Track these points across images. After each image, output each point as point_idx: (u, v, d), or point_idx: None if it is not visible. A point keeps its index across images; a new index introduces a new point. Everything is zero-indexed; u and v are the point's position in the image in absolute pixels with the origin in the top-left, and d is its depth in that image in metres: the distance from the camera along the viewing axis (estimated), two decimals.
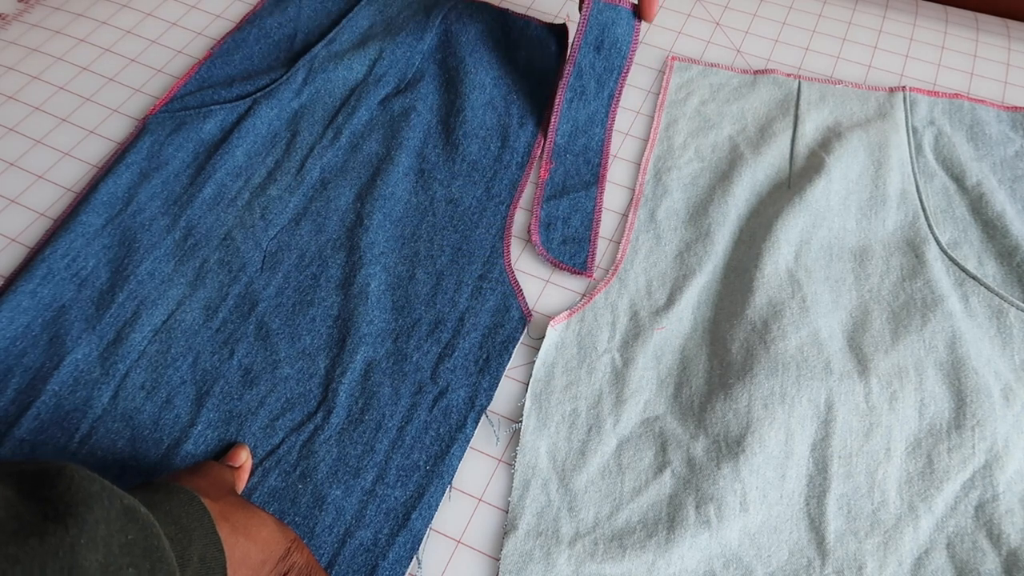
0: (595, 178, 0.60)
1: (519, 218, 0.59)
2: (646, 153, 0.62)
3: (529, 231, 0.58)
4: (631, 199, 0.59)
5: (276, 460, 0.47)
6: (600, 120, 0.64)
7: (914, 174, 0.59)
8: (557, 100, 0.63)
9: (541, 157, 0.62)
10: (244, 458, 0.46)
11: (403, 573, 0.44)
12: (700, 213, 0.58)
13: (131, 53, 0.70)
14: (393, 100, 0.65)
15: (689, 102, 0.65)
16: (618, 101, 0.64)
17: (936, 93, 0.65)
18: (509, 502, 0.46)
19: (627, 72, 0.66)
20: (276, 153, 0.62)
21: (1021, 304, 0.52)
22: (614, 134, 0.64)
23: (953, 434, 0.47)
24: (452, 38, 0.69)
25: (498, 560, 0.44)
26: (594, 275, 0.55)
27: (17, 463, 0.30)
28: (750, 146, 0.61)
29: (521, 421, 0.49)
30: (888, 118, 0.63)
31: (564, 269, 0.56)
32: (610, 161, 0.62)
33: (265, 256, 0.56)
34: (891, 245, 0.56)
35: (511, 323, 0.53)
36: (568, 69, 0.63)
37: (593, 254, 0.56)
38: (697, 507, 0.44)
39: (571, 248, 0.57)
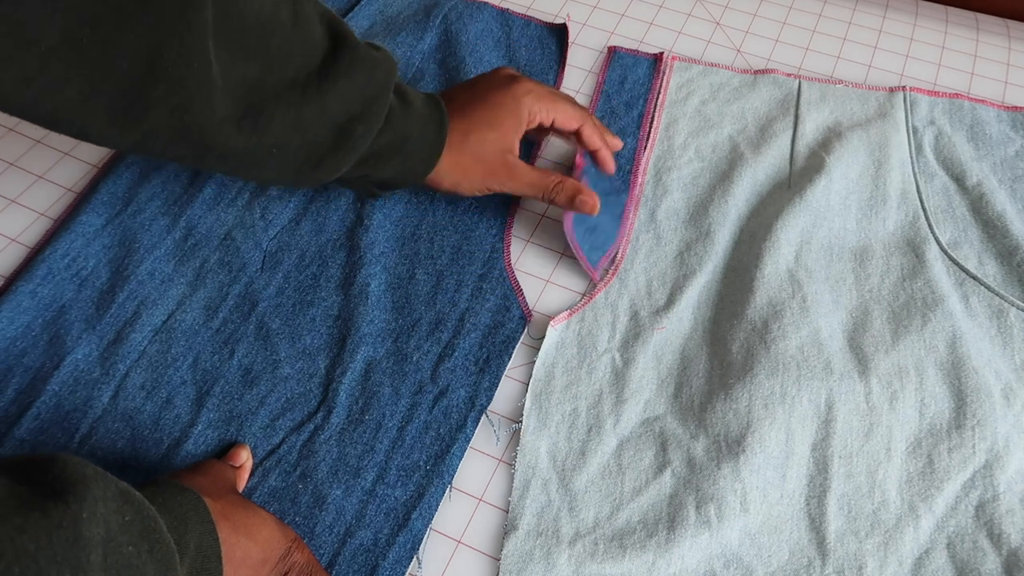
0: (624, 186, 0.59)
1: (519, 218, 0.59)
2: (646, 153, 0.62)
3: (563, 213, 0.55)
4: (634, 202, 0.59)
5: (276, 460, 0.47)
6: (632, 131, 0.63)
7: (914, 174, 0.59)
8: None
9: (538, 157, 0.62)
10: (244, 458, 0.46)
11: (403, 573, 0.44)
12: (700, 213, 0.58)
13: None
14: None
15: (689, 102, 0.65)
16: (647, 122, 0.64)
17: (936, 93, 0.65)
18: (509, 502, 0.46)
19: (655, 100, 0.65)
20: None
21: (1021, 304, 0.52)
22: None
23: (953, 434, 0.47)
24: (452, 38, 0.69)
25: (498, 560, 0.44)
26: (597, 275, 0.55)
27: (4, 458, 0.30)
28: (750, 146, 0.61)
29: (521, 421, 0.49)
30: (888, 118, 0.63)
31: (579, 259, 0.54)
32: (640, 167, 0.60)
33: (265, 256, 0.56)
34: (891, 245, 0.56)
35: (511, 323, 0.53)
36: (595, 96, 0.66)
37: (610, 256, 0.55)
38: (697, 507, 0.44)
39: (594, 239, 0.55)
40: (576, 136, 0.54)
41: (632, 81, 0.67)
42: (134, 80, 0.35)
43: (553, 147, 0.63)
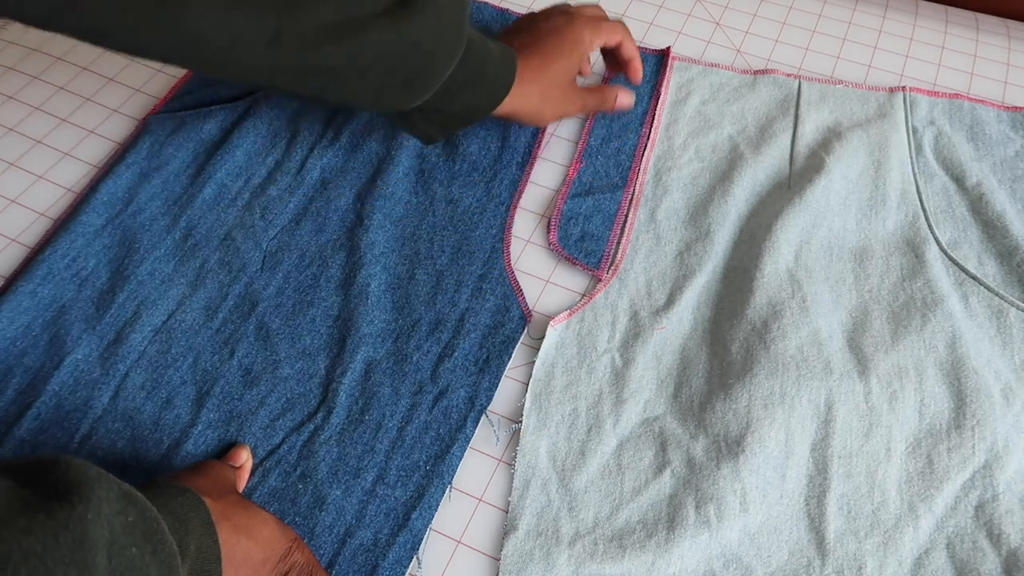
0: (623, 182, 0.60)
1: (519, 218, 0.59)
2: (646, 153, 0.62)
3: (548, 226, 0.58)
4: (631, 199, 0.59)
5: (276, 460, 0.47)
6: (635, 128, 0.63)
7: (914, 174, 0.59)
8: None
9: (538, 157, 0.63)
10: (245, 458, 0.46)
11: (403, 573, 0.44)
12: (700, 213, 0.58)
13: None
14: None
15: (689, 102, 0.65)
16: (651, 118, 0.64)
17: (936, 93, 0.65)
18: (509, 502, 0.46)
19: (659, 98, 0.65)
20: (276, 153, 0.62)
21: (1021, 304, 0.52)
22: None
23: (953, 434, 0.47)
24: None
25: (498, 560, 0.44)
26: (603, 274, 0.55)
27: (7, 460, 0.30)
28: (750, 146, 0.61)
29: (521, 421, 0.49)
30: (888, 118, 0.63)
31: (577, 265, 0.55)
32: (641, 166, 0.61)
33: (265, 256, 0.56)
34: (891, 245, 0.56)
35: (511, 323, 0.53)
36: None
37: (608, 254, 0.56)
38: (697, 507, 0.44)
39: (588, 245, 0.57)
40: (616, 48, 0.62)
41: None
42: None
43: (552, 148, 0.63)
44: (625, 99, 0.62)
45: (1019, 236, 0.54)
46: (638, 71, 0.63)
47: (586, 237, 0.57)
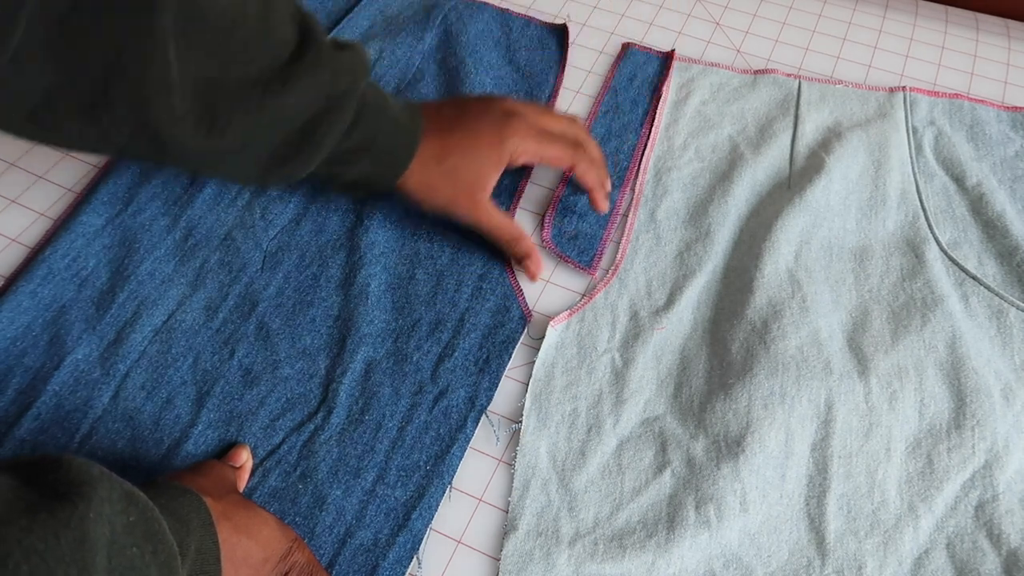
0: (620, 181, 0.60)
1: (519, 218, 0.59)
2: (646, 153, 0.62)
3: (543, 223, 0.58)
4: (631, 199, 0.59)
5: (276, 460, 0.47)
6: (635, 128, 0.63)
7: (914, 174, 0.59)
8: (592, 110, 0.65)
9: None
10: (245, 458, 0.46)
11: (403, 573, 0.44)
12: (700, 213, 0.58)
13: None
14: None
15: (689, 102, 0.65)
16: (652, 118, 0.64)
17: (936, 93, 0.65)
18: (509, 502, 0.46)
19: (660, 99, 0.65)
20: None
21: (1021, 304, 0.52)
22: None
23: (953, 434, 0.47)
24: (452, 38, 0.69)
25: (498, 560, 0.44)
26: (596, 274, 0.55)
27: (10, 459, 0.30)
28: (750, 146, 0.61)
29: (521, 421, 0.49)
30: (888, 118, 0.63)
31: (568, 263, 0.56)
32: (639, 167, 0.61)
33: (265, 256, 0.56)
34: (891, 245, 0.56)
35: (511, 323, 0.53)
36: (603, 90, 0.66)
37: (601, 253, 0.56)
38: (697, 507, 0.44)
39: (580, 244, 0.57)
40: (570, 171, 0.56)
41: (641, 79, 0.67)
42: (96, 79, 0.36)
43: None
44: (531, 270, 0.53)
45: (1019, 236, 0.54)
46: (598, 203, 0.55)
47: (580, 236, 0.57)
